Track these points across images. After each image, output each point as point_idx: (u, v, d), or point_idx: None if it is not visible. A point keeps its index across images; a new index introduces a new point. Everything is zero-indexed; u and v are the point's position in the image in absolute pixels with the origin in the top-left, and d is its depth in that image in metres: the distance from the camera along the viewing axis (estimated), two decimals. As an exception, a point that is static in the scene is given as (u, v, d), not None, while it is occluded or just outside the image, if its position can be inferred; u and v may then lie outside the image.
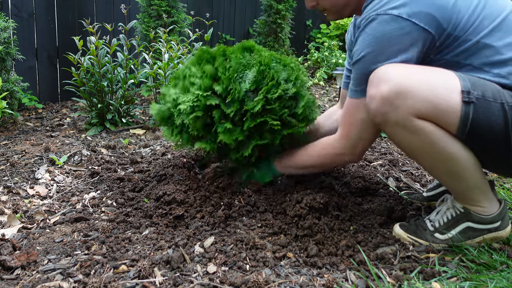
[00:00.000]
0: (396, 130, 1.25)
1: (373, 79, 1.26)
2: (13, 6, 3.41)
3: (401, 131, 1.25)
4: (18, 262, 1.26)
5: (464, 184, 1.30)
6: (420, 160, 1.33)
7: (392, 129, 1.26)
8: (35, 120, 3.22)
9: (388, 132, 1.29)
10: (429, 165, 1.33)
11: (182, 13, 4.18)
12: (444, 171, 1.29)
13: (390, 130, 1.28)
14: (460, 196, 1.36)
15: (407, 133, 1.24)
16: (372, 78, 1.27)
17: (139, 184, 1.86)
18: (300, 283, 1.19)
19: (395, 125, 1.24)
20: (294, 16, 5.51)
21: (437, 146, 1.23)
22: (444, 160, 1.25)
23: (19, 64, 3.45)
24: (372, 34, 1.28)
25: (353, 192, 1.79)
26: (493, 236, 1.36)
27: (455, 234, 1.36)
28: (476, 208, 1.34)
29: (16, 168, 2.14)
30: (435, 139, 1.22)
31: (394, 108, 1.21)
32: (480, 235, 1.35)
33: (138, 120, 3.20)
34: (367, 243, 1.41)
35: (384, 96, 1.21)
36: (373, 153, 2.43)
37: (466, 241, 1.36)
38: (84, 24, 2.88)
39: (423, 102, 1.19)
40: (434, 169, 1.33)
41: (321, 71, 5.07)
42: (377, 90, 1.23)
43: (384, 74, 1.23)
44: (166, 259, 1.28)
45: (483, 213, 1.34)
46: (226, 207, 1.57)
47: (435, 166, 1.30)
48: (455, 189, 1.35)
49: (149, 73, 2.97)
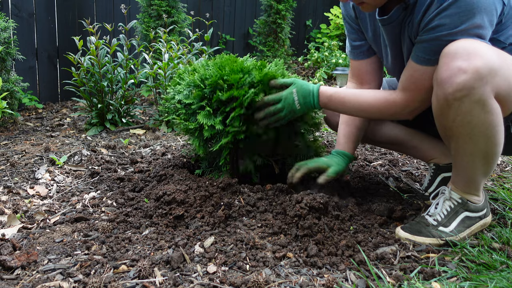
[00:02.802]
0: (473, 107, 1.22)
1: (459, 51, 1.21)
2: (13, 6, 3.41)
3: (477, 109, 1.22)
4: (18, 262, 1.26)
5: (487, 169, 1.36)
6: (468, 140, 1.30)
7: (469, 106, 1.22)
8: (35, 120, 3.22)
9: (461, 108, 1.24)
10: (474, 146, 1.31)
11: (182, 13, 4.18)
12: (484, 153, 1.31)
13: (465, 107, 1.23)
14: (468, 184, 1.41)
15: (482, 112, 1.23)
16: (456, 49, 1.22)
17: (139, 184, 1.86)
18: (300, 283, 1.19)
19: (476, 102, 1.21)
20: (294, 16, 5.51)
21: (497, 129, 1.27)
22: (493, 143, 1.29)
23: (19, 64, 3.45)
24: (464, 3, 1.23)
25: (353, 192, 1.79)
26: (483, 223, 1.46)
27: (456, 225, 1.42)
28: (473, 197, 1.43)
29: (16, 168, 2.14)
30: (499, 121, 1.26)
31: (483, 84, 1.19)
32: (474, 223, 1.44)
33: (138, 120, 3.20)
34: (367, 243, 1.41)
35: (478, 70, 1.18)
36: (373, 153, 2.43)
37: (465, 230, 1.42)
38: (84, 24, 2.88)
39: (504, 80, 1.22)
40: (477, 150, 1.32)
41: (321, 71, 5.07)
42: (469, 63, 1.18)
43: (473, 47, 1.20)
44: (166, 259, 1.28)
45: (477, 202, 1.44)
46: (226, 207, 1.57)
47: (481, 147, 1.30)
48: (473, 175, 1.38)
49: (149, 73, 2.97)
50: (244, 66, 1.64)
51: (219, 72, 1.63)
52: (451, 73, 1.21)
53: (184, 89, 1.69)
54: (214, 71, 1.64)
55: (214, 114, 1.62)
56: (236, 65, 1.63)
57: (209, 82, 1.62)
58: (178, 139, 2.79)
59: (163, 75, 2.93)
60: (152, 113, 3.47)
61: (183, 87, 1.69)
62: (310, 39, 6.44)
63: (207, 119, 1.58)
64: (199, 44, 3.33)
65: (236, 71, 1.61)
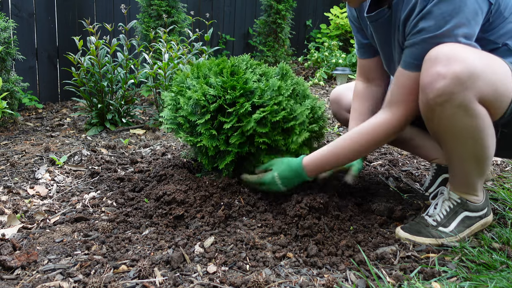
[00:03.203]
0: (455, 112, 1.21)
1: (439, 56, 1.20)
2: (13, 6, 3.41)
3: (460, 114, 1.21)
4: (18, 262, 1.26)
5: (481, 171, 1.35)
6: (456, 144, 1.29)
7: (450, 111, 1.21)
8: (35, 120, 3.22)
9: (444, 113, 1.23)
10: (463, 150, 1.30)
11: (182, 13, 4.18)
12: (474, 157, 1.31)
13: (447, 112, 1.22)
14: (465, 185, 1.40)
15: (465, 116, 1.21)
16: (436, 55, 1.21)
17: (139, 184, 1.86)
18: (300, 283, 1.19)
19: (457, 107, 1.20)
20: (294, 16, 5.51)
21: (485, 132, 1.25)
22: (482, 146, 1.27)
23: (19, 64, 3.45)
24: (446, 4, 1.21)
25: (353, 192, 1.79)
26: (484, 222, 1.46)
27: (456, 225, 1.42)
28: (471, 197, 1.43)
29: (16, 168, 2.14)
30: (486, 125, 1.24)
31: (463, 89, 1.17)
32: (474, 222, 1.44)
33: (138, 120, 3.20)
34: (367, 243, 1.41)
35: (457, 76, 1.16)
36: (373, 153, 2.43)
37: (465, 230, 1.42)
38: (84, 24, 2.88)
39: (488, 85, 1.19)
40: (466, 154, 1.31)
41: (321, 71, 5.07)
42: (448, 69, 1.17)
43: (453, 52, 1.19)
44: (166, 259, 1.28)
45: (477, 202, 1.43)
46: (226, 207, 1.57)
47: (470, 151, 1.29)
48: (468, 176, 1.38)
49: (149, 73, 2.97)
50: (246, 87, 1.64)
51: (222, 92, 1.64)
52: (431, 79, 1.21)
53: (186, 103, 1.69)
54: (217, 91, 1.65)
55: (218, 133, 1.65)
56: (239, 85, 1.63)
57: (213, 105, 1.63)
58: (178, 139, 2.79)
59: (163, 75, 2.93)
60: (152, 113, 3.47)
61: (185, 101, 1.70)
62: (310, 39, 6.44)
63: (212, 141, 1.63)
64: (199, 44, 3.33)
65: (239, 93, 1.62)
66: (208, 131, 1.64)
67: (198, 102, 1.67)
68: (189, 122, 1.70)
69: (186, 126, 1.70)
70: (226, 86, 1.65)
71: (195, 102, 1.68)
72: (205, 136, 1.64)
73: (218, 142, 1.63)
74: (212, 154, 1.66)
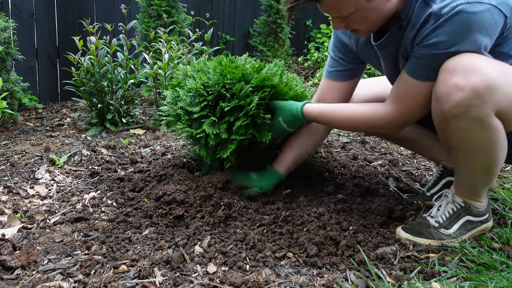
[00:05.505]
0: (470, 124, 1.20)
1: (457, 68, 1.18)
2: (13, 6, 3.41)
3: (475, 127, 1.20)
4: (18, 262, 1.26)
5: (488, 180, 1.36)
6: (467, 155, 1.29)
7: (466, 123, 1.20)
8: (35, 120, 3.22)
9: (459, 125, 1.21)
10: (473, 160, 1.30)
11: (182, 13, 4.18)
12: (484, 167, 1.31)
13: (462, 124, 1.20)
14: (470, 191, 1.40)
15: (481, 129, 1.20)
16: (454, 66, 1.19)
17: (139, 184, 1.86)
18: (300, 283, 1.19)
19: (473, 120, 1.18)
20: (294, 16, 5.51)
21: (498, 144, 1.24)
22: (493, 157, 1.27)
23: (19, 64, 3.45)
24: (461, 20, 1.18)
25: (353, 192, 1.79)
26: (484, 227, 1.46)
27: (457, 228, 1.42)
28: (476, 202, 1.43)
29: (16, 168, 2.14)
30: (501, 137, 1.23)
31: (480, 102, 1.16)
32: (475, 227, 1.44)
33: (138, 120, 3.20)
34: (367, 243, 1.41)
35: (475, 88, 1.15)
36: (373, 153, 2.43)
37: (465, 234, 1.42)
38: (84, 24, 2.88)
39: (505, 97, 1.18)
40: (476, 164, 1.30)
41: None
42: (466, 81, 1.16)
43: (471, 64, 1.17)
44: (166, 259, 1.28)
45: (480, 207, 1.43)
46: (226, 207, 1.57)
47: (481, 161, 1.29)
48: (474, 184, 1.38)
49: (149, 73, 2.97)
50: (245, 72, 1.64)
51: (222, 79, 1.63)
52: (448, 90, 1.20)
53: (185, 95, 1.68)
54: (216, 79, 1.64)
55: (219, 122, 1.63)
56: (237, 71, 1.63)
57: (211, 90, 1.62)
58: (178, 139, 2.79)
59: (163, 75, 2.93)
60: (152, 113, 3.47)
61: (185, 93, 1.69)
62: (310, 39, 6.44)
63: (212, 128, 1.60)
64: (199, 44, 3.33)
65: (238, 79, 1.61)
66: (209, 118, 1.62)
67: (198, 92, 1.65)
68: (188, 114, 1.68)
69: (186, 118, 1.68)
70: (225, 73, 1.64)
71: (195, 93, 1.67)
72: (206, 123, 1.61)
73: (219, 130, 1.60)
74: (213, 144, 1.63)
